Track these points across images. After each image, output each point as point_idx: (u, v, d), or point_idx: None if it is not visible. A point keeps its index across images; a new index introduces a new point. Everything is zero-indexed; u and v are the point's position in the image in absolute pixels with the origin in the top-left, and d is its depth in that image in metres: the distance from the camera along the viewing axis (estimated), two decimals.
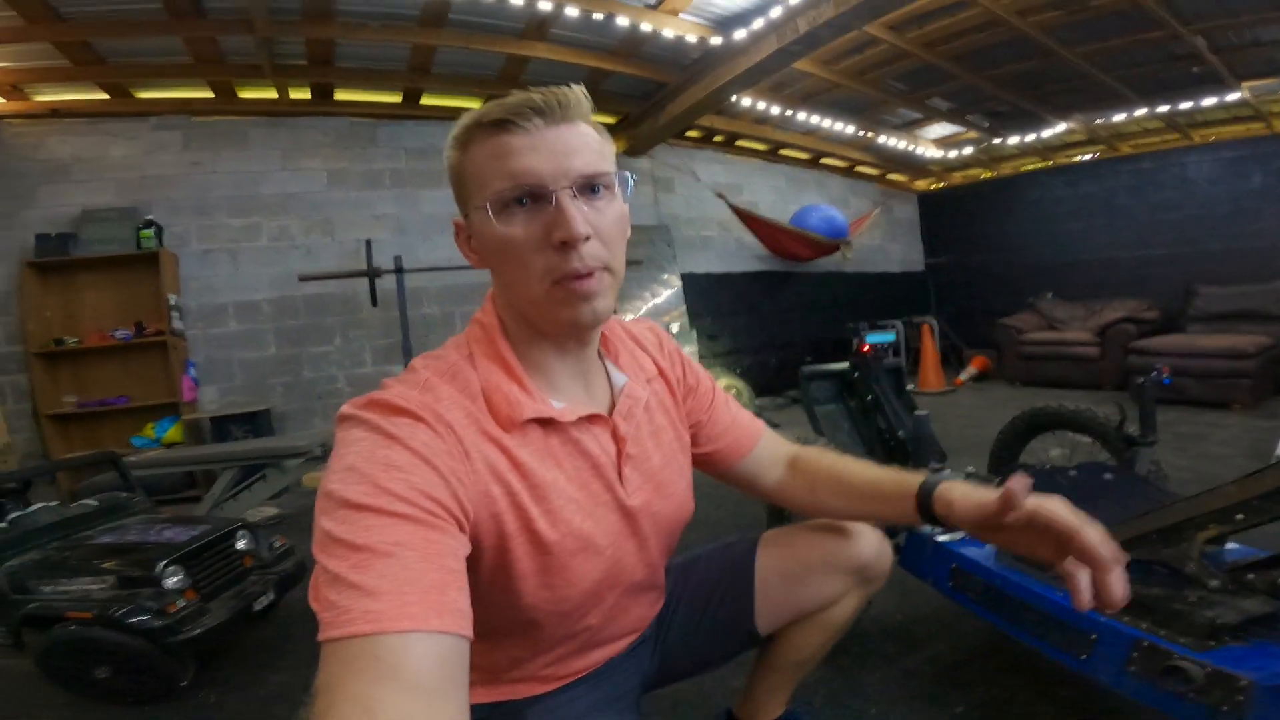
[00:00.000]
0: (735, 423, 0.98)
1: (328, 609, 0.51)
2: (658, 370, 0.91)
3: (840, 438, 2.45)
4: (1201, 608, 1.10)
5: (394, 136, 5.16)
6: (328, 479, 0.58)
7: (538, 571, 0.72)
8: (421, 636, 0.50)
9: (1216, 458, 3.39)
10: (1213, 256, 6.16)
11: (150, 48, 3.95)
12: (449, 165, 0.73)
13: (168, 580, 1.74)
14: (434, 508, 0.58)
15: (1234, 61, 4.76)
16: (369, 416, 0.62)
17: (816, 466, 0.96)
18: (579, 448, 0.75)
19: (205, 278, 4.60)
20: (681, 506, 0.89)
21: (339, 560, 0.53)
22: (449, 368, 0.71)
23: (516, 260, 0.68)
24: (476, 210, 0.69)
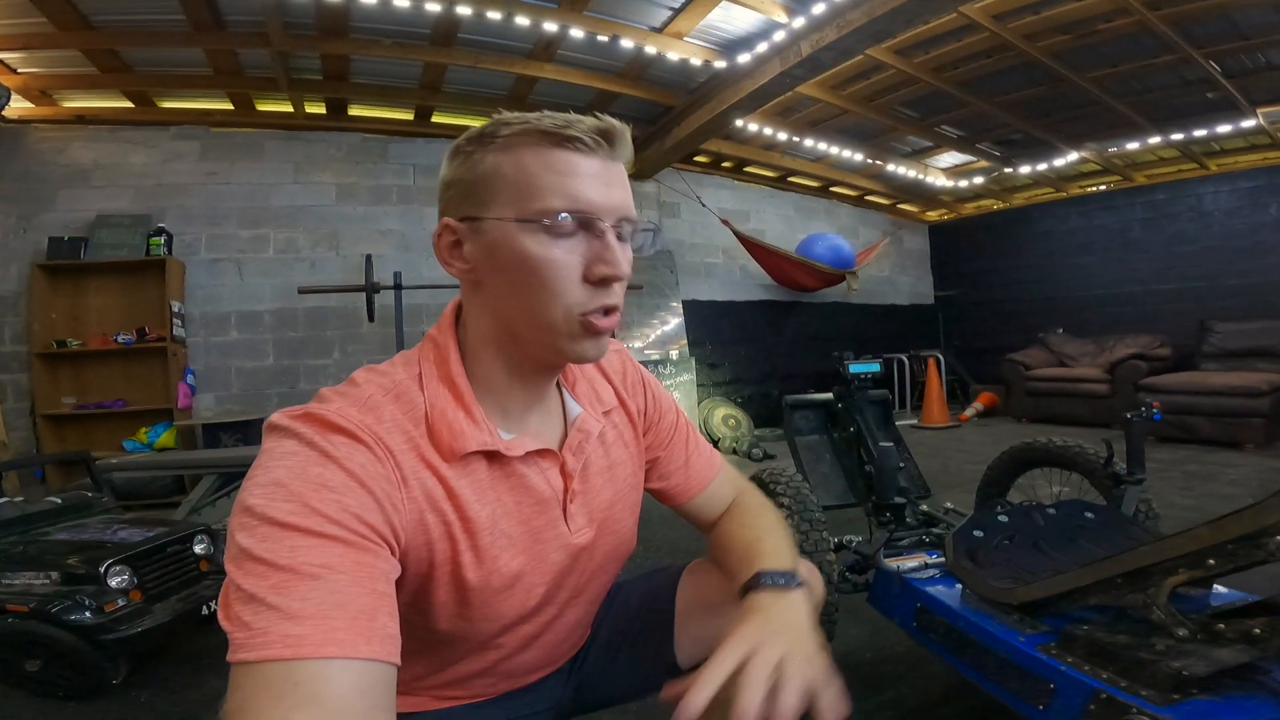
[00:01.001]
0: (689, 463, 0.93)
1: (241, 629, 0.48)
2: (618, 400, 0.86)
3: (821, 469, 2.40)
4: (1169, 657, 1.02)
5: (404, 153, 5.25)
6: (248, 492, 0.54)
7: (456, 603, 0.69)
8: (347, 664, 0.48)
9: (1225, 498, 3.28)
10: (1229, 291, 6.02)
11: (173, 58, 4.09)
12: (466, 163, 0.67)
13: (112, 579, 1.76)
14: (367, 531, 0.55)
15: (1249, 87, 4.68)
16: (303, 430, 0.58)
17: (720, 531, 0.91)
18: (524, 482, 0.72)
19: (211, 286, 4.67)
20: (626, 543, 0.85)
21: (257, 579, 0.49)
22: (394, 386, 0.67)
23: (546, 284, 0.64)
24: (504, 221, 0.64)
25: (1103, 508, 1.63)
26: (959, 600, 1.43)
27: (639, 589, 1.00)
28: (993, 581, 1.35)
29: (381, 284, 4.49)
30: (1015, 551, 1.46)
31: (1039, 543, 1.48)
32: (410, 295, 4.77)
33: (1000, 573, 1.39)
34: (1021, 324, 7.40)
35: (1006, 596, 1.31)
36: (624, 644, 0.96)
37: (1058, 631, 1.22)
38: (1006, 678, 1.23)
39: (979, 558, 1.44)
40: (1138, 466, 1.76)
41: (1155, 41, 4.13)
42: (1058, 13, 3.89)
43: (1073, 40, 4.19)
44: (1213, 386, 4.65)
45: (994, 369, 6.92)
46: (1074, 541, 1.48)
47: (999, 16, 3.94)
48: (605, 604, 0.97)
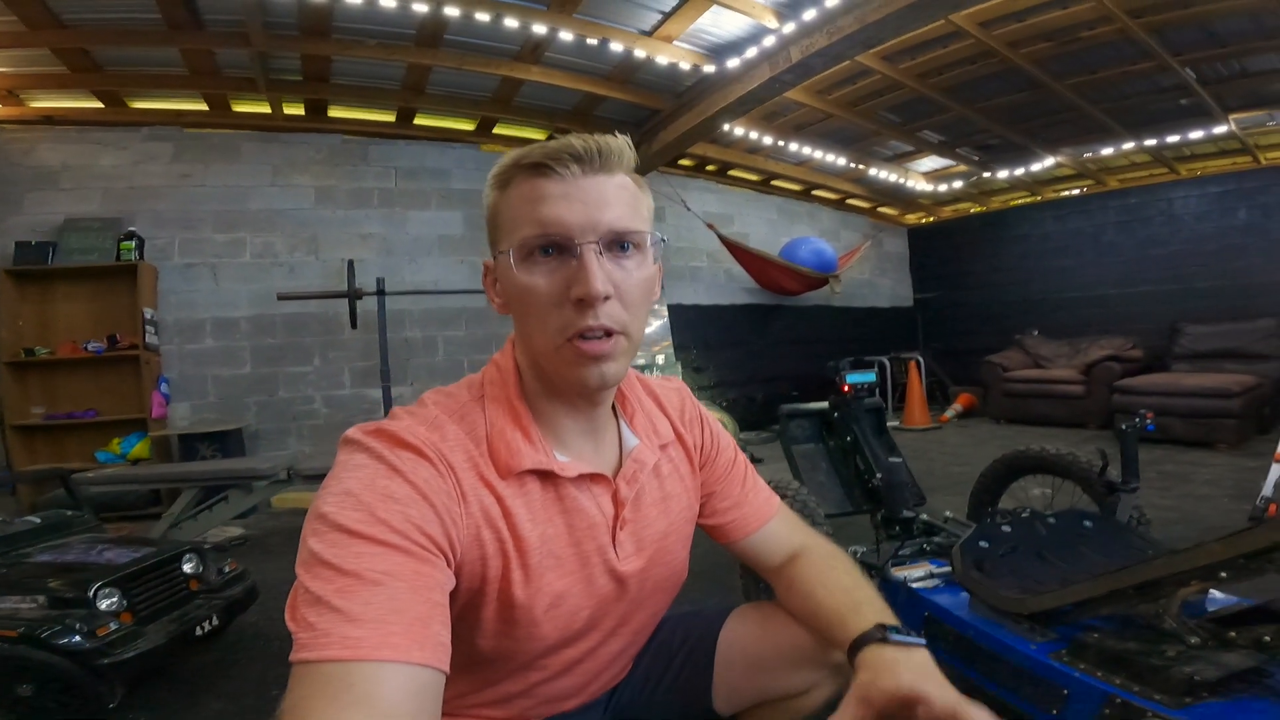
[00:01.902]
0: (745, 500, 0.92)
1: (305, 630, 0.51)
2: (675, 435, 0.88)
3: (818, 478, 2.41)
4: (1179, 663, 1.05)
5: (385, 155, 5.17)
6: (322, 500, 0.58)
7: (501, 622, 0.71)
8: (400, 667, 0.50)
9: (1201, 497, 3.37)
10: (1199, 294, 6.19)
11: (147, 58, 3.97)
12: (486, 204, 0.72)
13: (101, 602, 1.73)
14: (426, 543, 0.58)
15: (1222, 93, 4.81)
16: (374, 445, 0.62)
17: (802, 573, 0.88)
18: (575, 505, 0.74)
19: (184, 292, 4.54)
20: (677, 574, 0.87)
21: (324, 583, 0.52)
22: (459, 408, 0.71)
23: (533, 311, 0.67)
24: (502, 254, 0.69)
25: (1099, 516, 1.66)
26: (967, 609, 1.44)
27: (681, 627, 0.99)
28: (1002, 591, 1.37)
29: (364, 290, 4.42)
30: (1020, 561, 1.48)
31: (1042, 552, 1.51)
32: (393, 301, 4.71)
33: (1008, 583, 1.40)
34: (998, 326, 7.54)
35: (1017, 606, 1.32)
36: (662, 681, 0.95)
37: (1068, 639, 1.24)
38: (1019, 684, 1.25)
39: (986, 568, 1.46)
40: (1132, 475, 1.80)
41: (1134, 49, 4.23)
42: (1042, 20, 3.96)
43: (1055, 47, 4.27)
44: (1186, 388, 4.78)
45: (972, 370, 7.05)
46: (1076, 550, 1.51)
47: (985, 24, 4.01)
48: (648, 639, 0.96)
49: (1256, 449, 4.36)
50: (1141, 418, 1.84)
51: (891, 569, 1.68)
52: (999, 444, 5.17)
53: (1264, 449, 4.01)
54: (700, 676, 0.94)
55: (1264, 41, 4.06)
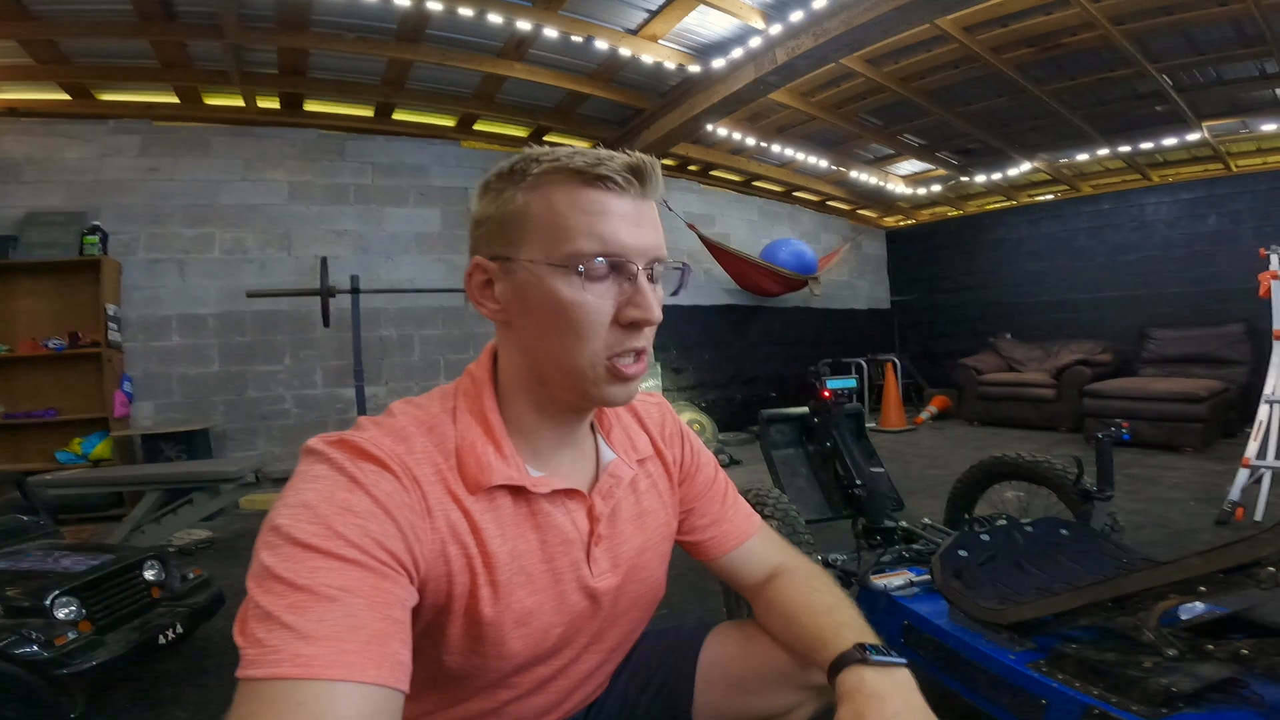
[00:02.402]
0: (725, 518, 0.91)
1: (254, 645, 0.49)
2: (654, 450, 0.86)
3: (798, 483, 2.40)
4: (1156, 674, 1.06)
5: (362, 151, 5.07)
6: (277, 512, 0.55)
7: (468, 638, 0.69)
8: (354, 687, 0.48)
9: (1169, 501, 3.43)
10: (1167, 299, 6.32)
11: (116, 49, 3.86)
12: (496, 200, 0.66)
13: (59, 611, 1.68)
14: (386, 558, 0.56)
15: (1197, 101, 4.90)
16: (335, 455, 0.60)
17: (781, 593, 0.87)
18: (548, 521, 0.72)
19: (150, 288, 4.42)
20: (654, 591, 0.85)
21: (275, 598, 0.50)
22: (428, 419, 0.68)
23: (575, 329, 0.64)
24: (535, 263, 0.64)
25: (1075, 525, 1.68)
26: (947, 618, 1.44)
27: (660, 644, 0.97)
28: (981, 601, 1.37)
29: (337, 288, 4.32)
30: (999, 571, 1.49)
31: (1020, 561, 1.51)
32: (368, 299, 4.62)
33: (987, 592, 1.41)
34: (973, 329, 7.65)
35: (996, 616, 1.32)
36: (641, 699, 0.93)
37: (1046, 649, 1.24)
38: (999, 694, 1.25)
39: (965, 577, 1.46)
40: (1107, 484, 1.82)
41: (1114, 55, 4.29)
42: (1025, 26, 4.01)
43: (1037, 53, 4.33)
44: (1154, 392, 4.89)
45: (947, 372, 7.15)
46: (1053, 559, 1.52)
47: (970, 28, 4.05)
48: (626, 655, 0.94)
49: (1222, 453, 4.47)
50: (1117, 427, 1.86)
51: (872, 577, 1.68)
52: (973, 446, 5.25)
53: (1230, 453, 4.13)
54: (680, 695, 0.92)
55: (1243, 49, 4.13)
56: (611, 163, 0.63)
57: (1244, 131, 5.43)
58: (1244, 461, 3.01)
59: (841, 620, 0.78)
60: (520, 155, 0.67)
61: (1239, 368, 5.29)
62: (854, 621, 0.78)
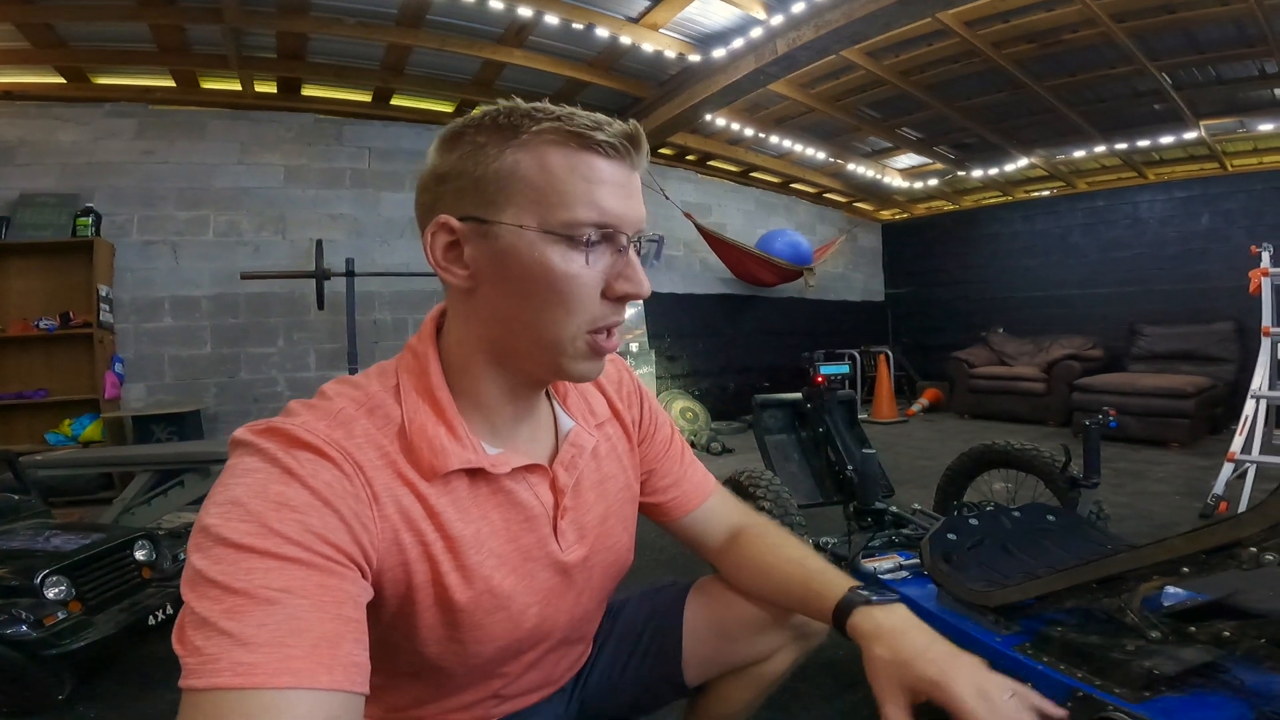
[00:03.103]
0: (685, 477, 0.91)
1: (192, 654, 0.46)
2: (612, 412, 0.84)
3: (790, 468, 2.42)
4: (1139, 657, 1.07)
5: (359, 136, 5.05)
6: (206, 511, 0.51)
7: (445, 626, 0.66)
8: (304, 694, 0.45)
9: (1154, 495, 3.47)
10: (1158, 296, 6.36)
11: (113, 33, 3.81)
12: (474, 156, 0.60)
13: (49, 591, 1.67)
14: (331, 552, 0.52)
15: (1195, 99, 4.91)
16: (266, 446, 0.55)
17: (750, 550, 0.89)
18: (512, 498, 0.69)
19: (142, 270, 4.39)
20: (621, 558, 0.83)
21: (210, 603, 0.47)
22: (368, 400, 0.63)
23: (564, 300, 0.61)
24: (524, 228, 0.59)
25: (1061, 510, 1.70)
26: (935, 601, 1.46)
27: (644, 606, 0.99)
28: (969, 584, 1.39)
29: (332, 270, 4.31)
30: (986, 554, 1.51)
31: (1007, 545, 1.53)
32: (362, 283, 4.61)
33: (975, 575, 1.42)
34: (966, 322, 7.69)
35: (983, 599, 1.34)
36: (630, 662, 0.94)
37: (1032, 632, 1.26)
38: None
39: (953, 560, 1.48)
40: (1093, 471, 1.84)
41: (1115, 52, 4.29)
42: (1028, 21, 4.00)
43: (1037, 49, 4.32)
44: (1142, 388, 4.93)
45: (939, 365, 7.20)
46: (1039, 544, 1.54)
47: (971, 23, 4.04)
48: (608, 620, 0.96)
49: (1208, 448, 4.51)
50: (1105, 414, 1.89)
51: (862, 560, 1.70)
52: (963, 439, 5.28)
53: (1215, 448, 4.17)
54: (669, 652, 0.93)
55: (1243, 49, 4.13)
56: (610, 128, 0.60)
57: (1241, 131, 5.44)
58: (1229, 456, 3.04)
59: (818, 567, 0.81)
60: (503, 107, 0.60)
61: (1227, 365, 5.34)
62: (828, 567, 0.81)
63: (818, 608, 0.77)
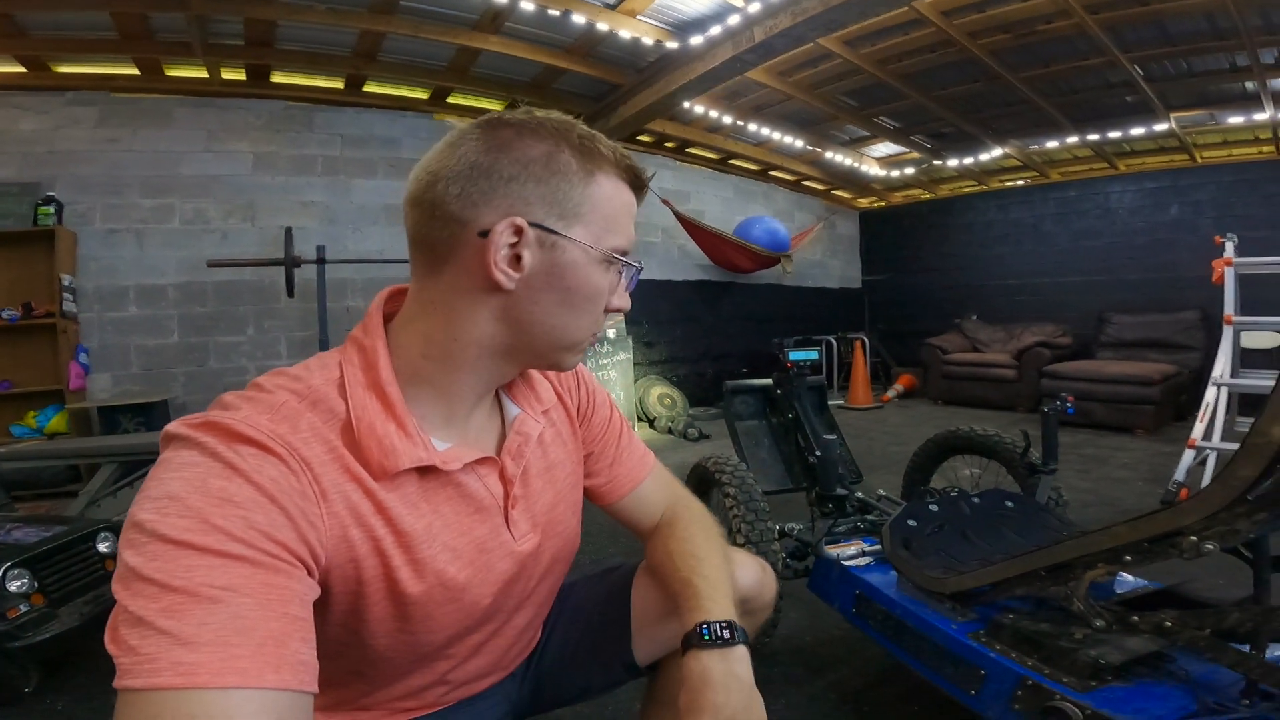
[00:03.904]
0: (620, 459, 0.91)
1: (127, 654, 0.44)
2: (556, 396, 0.84)
3: (761, 454, 2.44)
4: (1086, 646, 1.10)
5: (331, 122, 4.94)
6: (139, 507, 0.49)
7: (396, 619, 0.66)
8: (251, 693, 0.44)
9: (1118, 480, 3.55)
10: (1126, 285, 6.48)
11: (74, 21, 3.70)
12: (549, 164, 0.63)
13: (10, 584, 1.66)
14: (277, 550, 0.51)
15: (1166, 91, 4.98)
16: (206, 440, 0.53)
17: (659, 544, 0.89)
18: (462, 490, 0.69)
19: (106, 259, 4.27)
20: (571, 543, 0.85)
21: (146, 601, 0.45)
22: (310, 393, 0.61)
23: (591, 310, 0.69)
24: (585, 246, 0.65)
25: (1020, 497, 1.73)
26: (895, 588, 1.49)
27: (593, 590, 0.99)
28: (927, 571, 1.41)
29: (303, 258, 4.24)
30: (946, 540, 1.54)
31: (966, 531, 1.56)
32: (335, 270, 4.54)
33: (933, 562, 1.45)
34: (940, 309, 7.79)
35: (939, 586, 1.37)
36: (581, 644, 0.95)
37: (986, 620, 1.29)
38: (941, 664, 1.29)
39: (913, 547, 1.51)
40: (1051, 458, 1.88)
41: (1088, 44, 4.32)
42: (1003, 11, 4.02)
43: (1012, 39, 4.34)
44: (1109, 374, 5.03)
45: (914, 352, 7.28)
46: (997, 530, 1.57)
47: (947, 13, 4.05)
48: (557, 604, 0.96)
49: (1172, 435, 4.64)
50: (1062, 401, 1.92)
51: (825, 547, 1.72)
52: (935, 424, 5.34)
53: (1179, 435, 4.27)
54: (619, 632, 0.94)
55: (1215, 42, 4.18)
56: (639, 171, 0.70)
57: (1211, 124, 5.52)
58: (1190, 442, 3.10)
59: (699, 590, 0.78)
60: (580, 129, 0.65)
61: (1192, 353, 5.47)
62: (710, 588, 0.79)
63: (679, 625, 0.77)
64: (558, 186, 0.63)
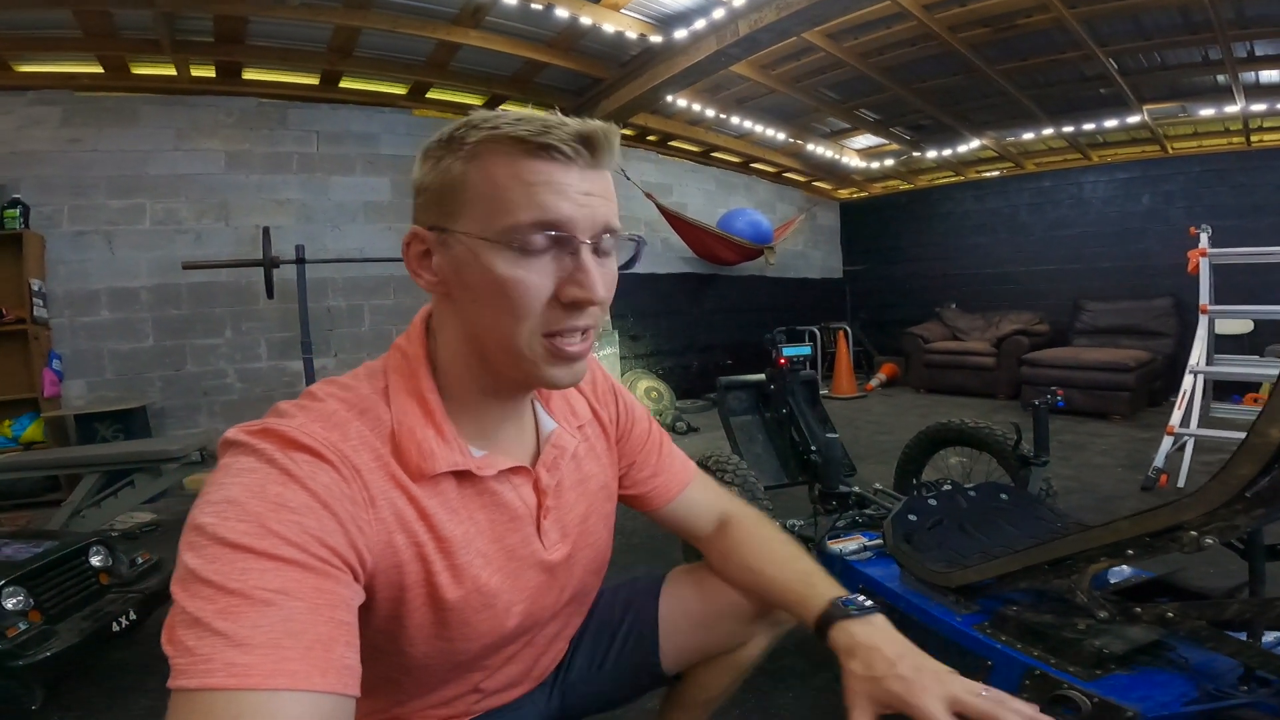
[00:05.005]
0: (664, 468, 0.93)
1: (183, 654, 0.45)
2: (592, 413, 0.86)
3: (755, 449, 2.46)
4: (1090, 636, 1.13)
5: (306, 119, 4.83)
6: (200, 510, 0.51)
7: (434, 625, 0.67)
8: (299, 696, 0.45)
9: (1097, 467, 3.63)
10: (1101, 274, 6.62)
11: (35, 20, 3.58)
12: (436, 168, 0.62)
13: (7, 601, 1.61)
14: (328, 555, 0.53)
15: (1139, 84, 5.07)
16: (263, 446, 0.55)
17: (737, 540, 0.91)
18: (496, 499, 0.70)
19: (75, 262, 4.15)
20: (602, 554, 0.86)
21: (203, 602, 0.46)
22: (359, 401, 0.63)
23: (511, 306, 0.60)
24: (471, 237, 0.60)
25: (1014, 489, 1.77)
26: (898, 582, 1.52)
27: (619, 598, 1.01)
28: (929, 565, 1.44)
29: (281, 258, 4.16)
30: (945, 534, 1.57)
31: (964, 525, 1.59)
32: (315, 269, 4.46)
33: (935, 556, 1.48)
34: (920, 299, 7.89)
35: (943, 579, 1.40)
36: (609, 654, 0.97)
37: (990, 612, 1.32)
38: (947, 656, 1.29)
39: (915, 541, 1.54)
40: (1043, 450, 1.92)
41: (1065, 38, 4.38)
42: (982, 6, 4.06)
43: (991, 33, 4.39)
44: (1085, 361, 5.14)
45: (895, 341, 7.37)
46: (994, 523, 1.60)
47: (929, 6, 4.07)
48: (586, 615, 0.97)
49: (1148, 420, 4.76)
50: (1052, 394, 1.97)
51: (828, 542, 1.75)
52: (919, 413, 5.46)
53: (1155, 420, 4.39)
54: (646, 642, 0.96)
55: (1188, 35, 4.25)
56: (559, 130, 0.58)
57: (1182, 116, 5.63)
58: (1168, 430, 3.17)
59: (805, 570, 0.84)
60: (461, 121, 0.61)
61: (1165, 339, 5.60)
62: (815, 570, 0.84)
63: (801, 613, 0.80)
64: (439, 186, 0.62)
